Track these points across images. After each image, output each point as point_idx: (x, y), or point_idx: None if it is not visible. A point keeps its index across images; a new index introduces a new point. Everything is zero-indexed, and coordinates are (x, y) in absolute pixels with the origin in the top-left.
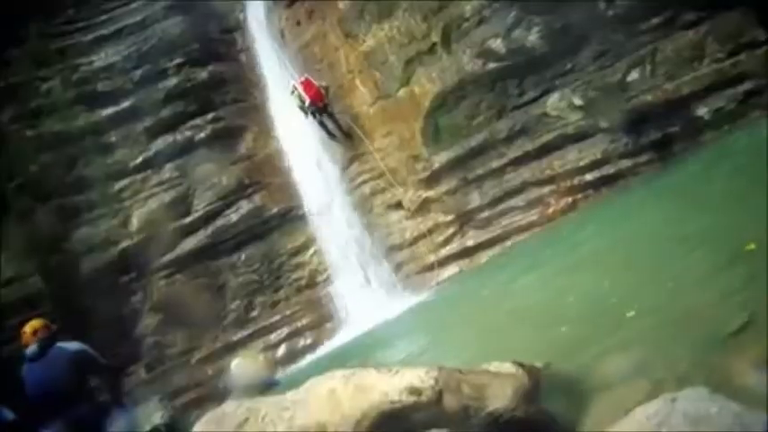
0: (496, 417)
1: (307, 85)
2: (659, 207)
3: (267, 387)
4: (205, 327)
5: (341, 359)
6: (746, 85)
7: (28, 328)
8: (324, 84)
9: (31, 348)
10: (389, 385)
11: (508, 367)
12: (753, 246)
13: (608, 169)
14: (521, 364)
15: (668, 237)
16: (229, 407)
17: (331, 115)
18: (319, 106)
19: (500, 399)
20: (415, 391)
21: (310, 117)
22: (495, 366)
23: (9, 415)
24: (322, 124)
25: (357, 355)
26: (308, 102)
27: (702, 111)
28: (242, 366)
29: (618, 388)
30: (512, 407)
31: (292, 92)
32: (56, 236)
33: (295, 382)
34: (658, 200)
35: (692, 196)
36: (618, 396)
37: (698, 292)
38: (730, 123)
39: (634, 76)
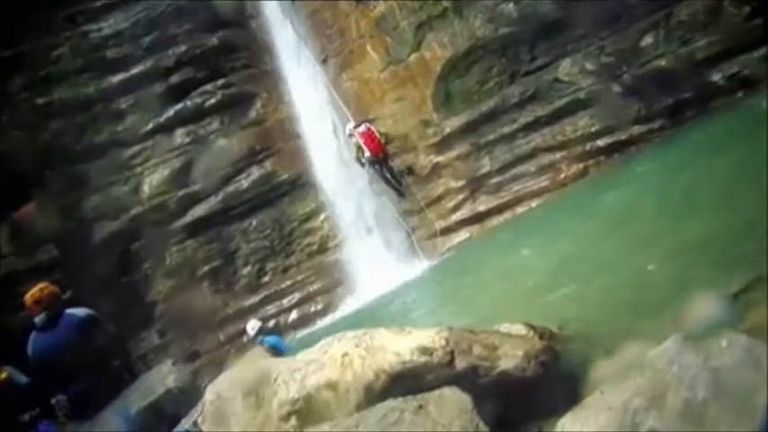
0: (507, 377)
1: (368, 136)
2: (671, 172)
3: (280, 352)
4: (216, 293)
5: (352, 324)
6: (762, 51)
7: (29, 298)
8: (383, 131)
9: (40, 317)
10: (401, 345)
11: (519, 329)
12: None
13: (620, 135)
14: (532, 326)
15: (681, 201)
16: (242, 369)
17: (389, 166)
18: (380, 158)
19: (511, 359)
20: (426, 350)
21: (367, 167)
22: (505, 328)
23: (23, 378)
24: (379, 173)
25: (368, 319)
26: (368, 154)
27: (717, 76)
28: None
29: (629, 341)
30: (522, 367)
31: (350, 135)
32: (67, 203)
33: (307, 347)
34: (671, 165)
35: (704, 162)
36: (630, 349)
37: (708, 253)
38: (745, 89)
39: (648, 41)
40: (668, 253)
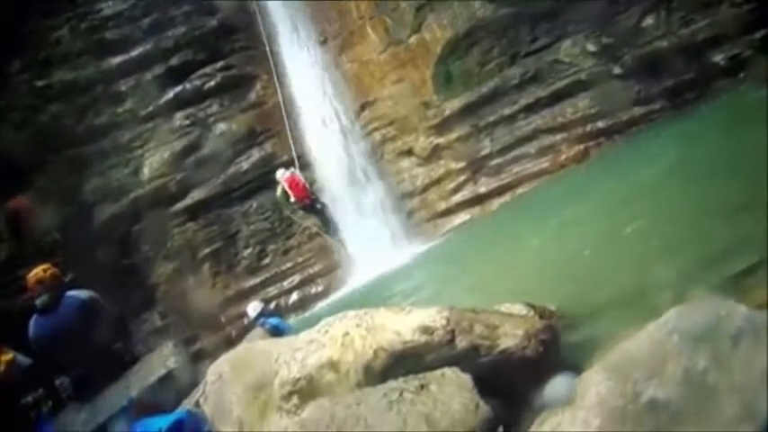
0: (508, 356)
1: (292, 182)
2: (671, 154)
3: (281, 333)
4: (217, 275)
5: (352, 305)
6: (763, 32)
7: (31, 279)
8: (308, 177)
9: (42, 299)
10: (402, 325)
11: (519, 308)
12: None
13: (620, 116)
14: (532, 306)
15: (681, 182)
16: (243, 350)
17: (319, 210)
18: (306, 204)
19: (511, 338)
20: (427, 330)
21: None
22: (506, 308)
23: (26, 360)
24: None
25: (368, 300)
26: (293, 200)
27: (718, 57)
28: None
29: (630, 319)
30: (522, 346)
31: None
32: (67, 186)
33: (308, 328)
34: (671, 147)
35: (705, 143)
36: (630, 325)
37: (709, 235)
38: (746, 70)
39: (649, 21)
40: (669, 234)
